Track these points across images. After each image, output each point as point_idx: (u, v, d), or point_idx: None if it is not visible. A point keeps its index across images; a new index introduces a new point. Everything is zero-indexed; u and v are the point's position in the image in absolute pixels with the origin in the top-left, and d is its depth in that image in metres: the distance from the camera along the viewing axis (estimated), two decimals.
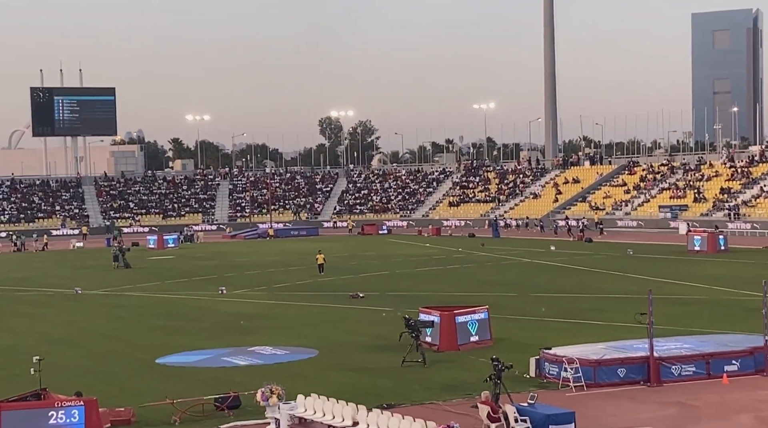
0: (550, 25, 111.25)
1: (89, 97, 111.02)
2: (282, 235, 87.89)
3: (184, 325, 34.11)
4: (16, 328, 34.30)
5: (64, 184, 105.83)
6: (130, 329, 33.57)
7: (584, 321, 32.19)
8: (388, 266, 54.64)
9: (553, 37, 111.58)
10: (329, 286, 44.63)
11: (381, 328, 31.54)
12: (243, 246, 77.64)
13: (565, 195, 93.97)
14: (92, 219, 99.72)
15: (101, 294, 44.69)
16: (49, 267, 60.85)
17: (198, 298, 41.82)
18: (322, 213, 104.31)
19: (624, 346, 24.69)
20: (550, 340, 26.36)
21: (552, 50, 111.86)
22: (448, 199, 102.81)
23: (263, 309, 37.87)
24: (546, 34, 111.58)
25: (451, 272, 51.20)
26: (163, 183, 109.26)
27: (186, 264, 59.68)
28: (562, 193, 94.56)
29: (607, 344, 25.10)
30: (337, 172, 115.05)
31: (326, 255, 51.23)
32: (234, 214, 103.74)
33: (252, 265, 57.36)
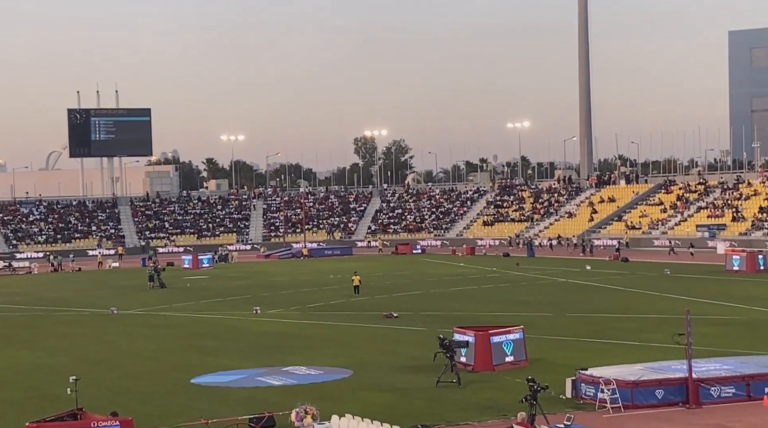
0: (585, 43, 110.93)
1: (125, 117, 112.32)
2: (316, 255, 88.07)
3: (218, 345, 34.26)
4: (53, 348, 34.65)
5: (100, 204, 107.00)
6: (166, 349, 33.77)
7: (621, 341, 31.90)
8: (422, 285, 54.55)
9: (588, 55, 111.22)
10: (363, 306, 44.61)
11: (415, 348, 31.47)
12: (277, 265, 77.90)
13: (601, 214, 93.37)
14: (128, 240, 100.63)
15: (137, 314, 45.03)
16: (85, 287, 61.44)
17: (232, 318, 42.01)
18: (356, 232, 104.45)
19: (662, 367, 24.41)
20: (586, 361, 26.13)
21: (587, 68, 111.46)
22: (482, 218, 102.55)
23: (297, 329, 37.94)
24: (581, 51, 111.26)
25: (485, 291, 50.99)
26: (197, 203, 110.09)
27: (220, 284, 59.98)
28: (597, 212, 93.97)
29: (644, 365, 24.84)
30: (371, 192, 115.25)
31: (360, 275, 51.27)
32: (268, 234, 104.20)
33: (286, 285, 57.52)
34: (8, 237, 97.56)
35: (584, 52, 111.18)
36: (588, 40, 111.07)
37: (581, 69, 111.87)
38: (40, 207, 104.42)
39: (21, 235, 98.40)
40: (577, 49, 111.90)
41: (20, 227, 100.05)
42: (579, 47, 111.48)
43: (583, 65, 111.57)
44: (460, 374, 25.63)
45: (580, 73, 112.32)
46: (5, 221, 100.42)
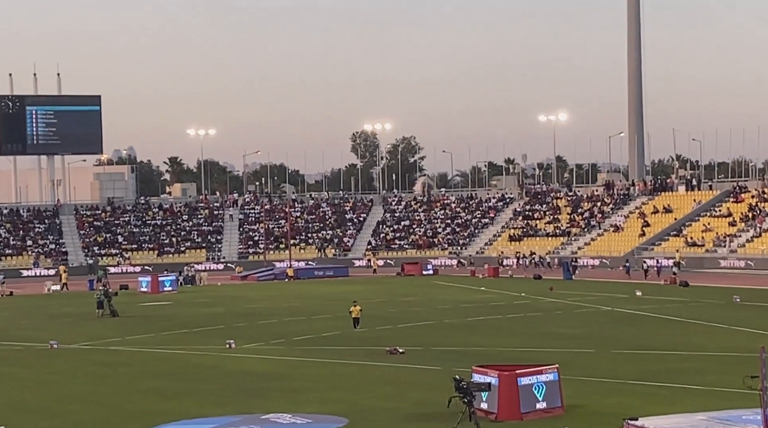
0: (636, 22, 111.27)
1: (69, 107, 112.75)
2: (304, 276, 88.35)
3: (184, 387, 34.26)
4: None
5: (38, 213, 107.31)
6: (118, 392, 33.76)
7: (679, 385, 31.89)
8: (434, 314, 54.60)
9: (639, 36, 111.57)
10: (362, 339, 44.65)
11: (426, 392, 31.47)
12: (256, 289, 77.99)
13: (654, 227, 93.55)
14: (72, 257, 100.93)
15: (82, 348, 45.05)
16: (18, 315, 61.48)
17: (201, 354, 42.03)
18: (352, 249, 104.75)
19: (730, 417, 24.40)
20: (636, 409, 26.12)
21: (638, 51, 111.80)
22: (508, 231, 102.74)
23: (281, 368, 37.96)
24: (630, 32, 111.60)
25: (512, 322, 51.00)
26: (158, 212, 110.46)
27: (186, 312, 60.01)
28: (650, 225, 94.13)
29: (708, 414, 24.82)
30: (371, 199, 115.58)
31: (358, 301, 51.34)
32: (245, 250, 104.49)
33: (267, 313, 57.59)
34: None
35: (635, 33, 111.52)
36: (639, 18, 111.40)
37: (631, 52, 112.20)
38: None
39: None
40: (626, 29, 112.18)
41: None
42: (628, 27, 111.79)
43: (634, 48, 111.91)
44: (481, 423, 25.62)
45: (629, 57, 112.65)
46: None
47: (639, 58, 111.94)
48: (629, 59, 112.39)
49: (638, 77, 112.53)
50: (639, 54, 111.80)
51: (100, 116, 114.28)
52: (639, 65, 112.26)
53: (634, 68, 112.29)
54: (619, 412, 25.63)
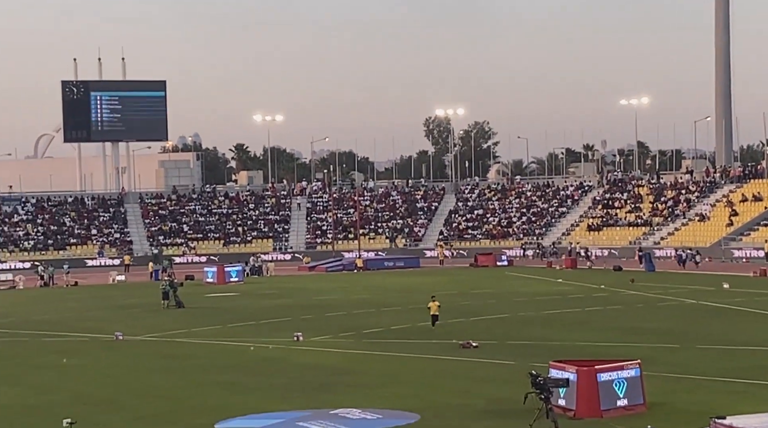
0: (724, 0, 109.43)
1: (134, 92, 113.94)
2: (373, 267, 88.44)
3: (250, 381, 34.52)
4: (43, 384, 35.23)
5: (103, 201, 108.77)
6: (183, 386, 34.12)
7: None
8: (509, 307, 54.42)
9: (727, 16, 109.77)
10: (433, 333, 44.61)
11: (500, 388, 31.37)
12: (324, 280, 78.32)
13: (743, 216, 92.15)
14: (136, 246, 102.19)
15: (147, 340, 45.63)
16: (83, 306, 62.46)
17: (267, 347, 42.32)
18: (423, 238, 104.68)
19: None
20: (723, 407, 25.78)
21: (726, 32, 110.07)
22: (586, 221, 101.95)
23: (349, 362, 38.07)
24: (718, 11, 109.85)
25: (590, 315, 50.63)
26: (224, 200, 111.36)
27: (253, 304, 60.49)
28: (738, 213, 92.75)
29: None
30: (443, 187, 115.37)
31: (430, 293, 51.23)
32: (313, 240, 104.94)
33: (335, 305, 57.81)
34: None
35: (723, 12, 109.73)
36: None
37: (718, 32, 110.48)
38: (26, 205, 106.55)
39: (2, 240, 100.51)
40: (714, 9, 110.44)
41: (2, 230, 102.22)
42: (716, 6, 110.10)
43: (721, 28, 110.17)
44: (558, 421, 25.46)
45: (716, 38, 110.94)
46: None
47: (727, 38, 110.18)
48: (716, 40, 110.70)
49: (726, 59, 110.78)
50: (727, 35, 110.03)
51: (165, 102, 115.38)
52: (727, 46, 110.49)
53: (722, 49, 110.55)
54: (705, 411, 25.31)
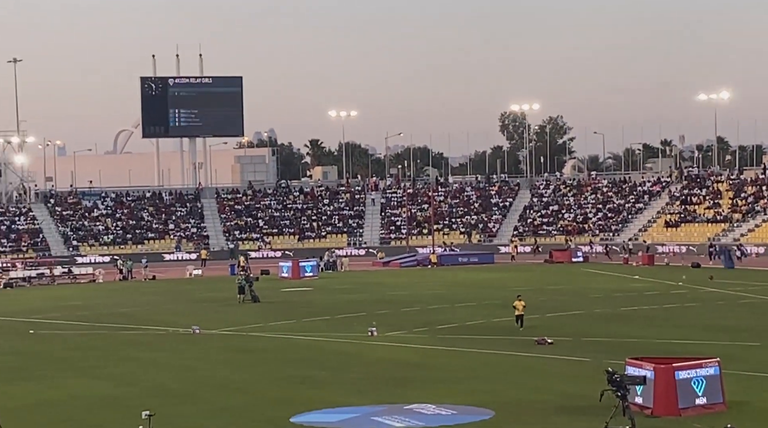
0: None
1: (211, 88, 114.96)
2: (447, 262, 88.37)
3: (325, 376, 34.67)
4: (121, 376, 35.71)
5: (180, 196, 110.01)
6: (259, 379, 34.38)
7: None
8: (584, 304, 54.05)
9: None
10: (508, 329, 44.44)
11: (576, 384, 31.15)
12: (398, 275, 78.42)
13: None
14: (213, 241, 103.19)
15: (223, 334, 46.05)
16: (161, 300, 63.25)
17: (342, 341, 42.48)
18: (498, 234, 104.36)
19: None
20: None
21: None
22: (664, 217, 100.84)
23: (424, 357, 38.08)
24: None
25: (668, 313, 50.12)
26: (299, 196, 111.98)
27: (327, 299, 60.78)
28: None
29: None
30: (518, 183, 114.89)
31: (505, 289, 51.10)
32: (387, 236, 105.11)
33: (410, 300, 57.84)
34: (68, 236, 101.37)
35: None
36: None
37: None
38: (106, 199, 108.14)
39: (83, 235, 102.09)
40: None
41: (82, 224, 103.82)
42: None
43: None
44: (635, 419, 25.21)
45: None
46: (64, 217, 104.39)
47: None
48: None
49: None
50: None
51: (241, 98, 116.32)
52: None
53: None
54: None
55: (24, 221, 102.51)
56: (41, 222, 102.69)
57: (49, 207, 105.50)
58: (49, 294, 68.93)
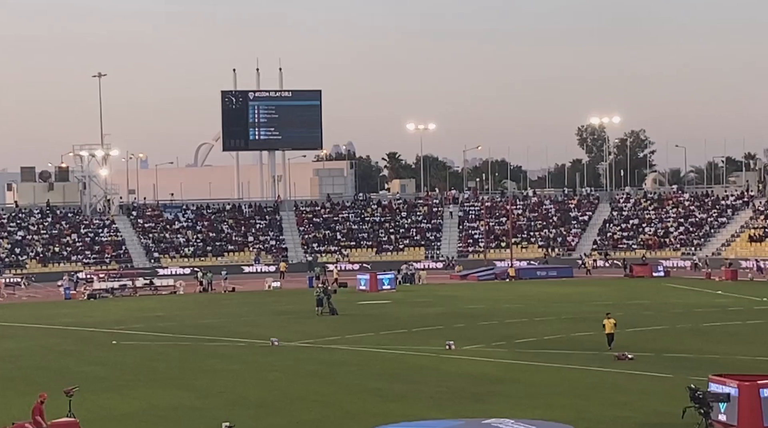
0: None
1: (290, 102, 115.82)
2: (526, 276, 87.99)
3: (403, 389, 34.70)
4: (203, 387, 36.09)
5: (259, 209, 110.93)
6: (338, 392, 34.52)
7: None
8: (666, 319, 53.48)
9: None
10: (587, 343, 44.10)
11: (657, 401, 30.82)
12: (476, 289, 78.21)
13: None
14: (291, 253, 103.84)
15: (302, 346, 46.31)
16: (240, 311, 63.80)
17: (420, 355, 42.48)
18: (577, 248, 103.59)
19: None
20: None
21: None
22: (748, 231, 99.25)
23: (502, 371, 37.94)
24: None
25: (752, 329, 49.42)
26: (377, 208, 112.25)
27: (405, 312, 60.78)
28: None
29: None
30: (597, 196, 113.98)
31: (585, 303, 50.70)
32: (465, 249, 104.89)
33: (487, 314, 57.69)
34: (149, 248, 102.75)
35: None
36: None
37: None
38: (187, 212, 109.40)
39: (164, 247, 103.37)
40: None
41: (163, 237, 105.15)
42: None
43: None
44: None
45: None
46: (146, 229, 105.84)
47: None
48: None
49: None
50: None
51: (320, 111, 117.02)
52: None
53: None
54: None
55: (107, 233, 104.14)
56: (124, 234, 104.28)
57: (132, 219, 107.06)
58: (131, 305, 69.91)
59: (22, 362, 43.52)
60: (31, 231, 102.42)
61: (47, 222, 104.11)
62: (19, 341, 50.77)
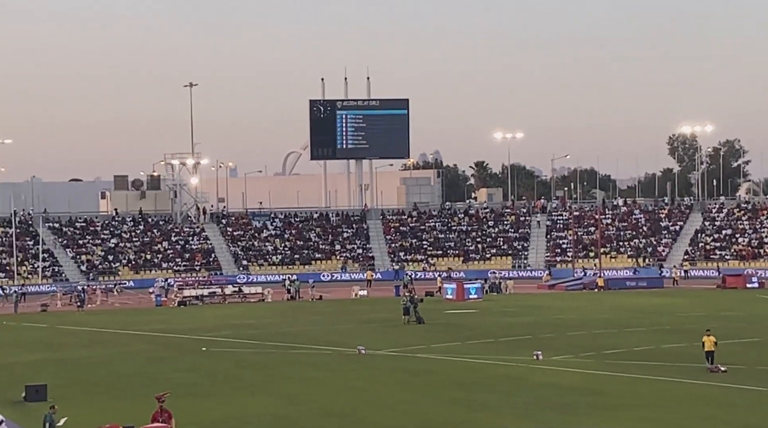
0: None
1: (378, 111, 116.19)
2: (615, 286, 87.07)
3: (489, 399, 34.62)
4: (291, 395, 36.39)
5: (346, 217, 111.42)
6: (424, 401, 34.55)
7: None
8: (760, 331, 52.62)
9: None
10: (677, 355, 43.56)
11: (751, 415, 30.36)
12: (564, 299, 77.65)
13: None
14: (378, 262, 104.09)
15: (388, 355, 46.41)
16: (327, 320, 64.15)
17: (507, 365, 42.32)
18: (668, 258, 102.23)
19: None
20: None
21: None
22: None
23: (591, 382, 37.64)
24: None
25: None
26: (464, 218, 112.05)
27: (492, 321, 60.58)
28: None
29: None
30: (689, 206, 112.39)
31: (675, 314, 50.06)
32: (552, 258, 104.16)
33: (576, 324, 57.26)
34: (238, 256, 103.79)
35: None
36: None
37: None
38: (275, 220, 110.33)
39: (253, 254, 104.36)
40: None
41: (252, 244, 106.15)
42: None
43: None
44: None
45: None
46: (235, 237, 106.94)
47: None
48: None
49: None
50: None
51: (407, 120, 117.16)
52: None
53: None
54: None
55: (197, 241, 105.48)
56: (213, 242, 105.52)
57: (221, 227, 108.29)
58: (220, 312, 70.71)
59: (113, 367, 44.33)
60: (124, 239, 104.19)
61: (139, 229, 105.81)
62: (111, 347, 51.73)
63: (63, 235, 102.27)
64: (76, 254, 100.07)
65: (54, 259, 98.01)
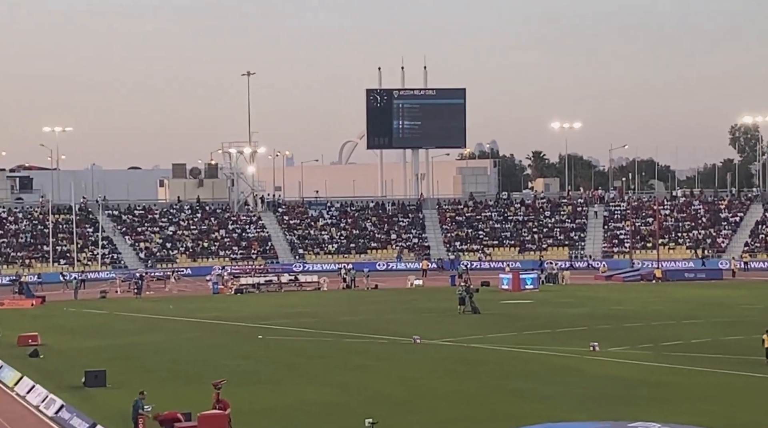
0: None
1: (434, 100, 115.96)
2: (673, 278, 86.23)
3: (545, 389, 34.51)
4: (346, 384, 36.53)
5: (402, 207, 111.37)
6: (479, 391, 34.51)
7: None
8: None
9: None
10: (737, 348, 43.09)
11: None
12: (621, 290, 77.08)
13: None
14: (433, 251, 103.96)
15: (443, 344, 46.40)
16: (383, 309, 64.23)
17: (563, 356, 42.16)
18: (727, 250, 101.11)
19: None
20: None
21: None
22: None
23: (648, 374, 37.38)
24: None
25: None
26: (520, 207, 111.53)
27: (548, 312, 60.33)
28: None
29: None
30: (750, 197, 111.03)
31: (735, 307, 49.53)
32: (609, 249, 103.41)
33: (633, 316, 56.83)
34: (294, 244, 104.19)
35: None
36: None
37: None
38: (331, 209, 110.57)
39: (309, 243, 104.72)
40: None
41: (308, 233, 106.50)
42: None
43: None
44: None
45: None
46: (291, 226, 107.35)
47: None
48: None
49: None
50: None
51: (464, 109, 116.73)
52: None
53: None
54: None
55: (254, 229, 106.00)
56: (270, 230, 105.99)
57: (278, 216, 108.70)
58: (276, 300, 71.08)
59: (170, 355, 44.75)
60: (182, 227, 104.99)
61: (197, 217, 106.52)
62: (168, 334, 52.21)
63: (122, 223, 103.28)
64: (134, 241, 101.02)
65: (113, 246, 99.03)
